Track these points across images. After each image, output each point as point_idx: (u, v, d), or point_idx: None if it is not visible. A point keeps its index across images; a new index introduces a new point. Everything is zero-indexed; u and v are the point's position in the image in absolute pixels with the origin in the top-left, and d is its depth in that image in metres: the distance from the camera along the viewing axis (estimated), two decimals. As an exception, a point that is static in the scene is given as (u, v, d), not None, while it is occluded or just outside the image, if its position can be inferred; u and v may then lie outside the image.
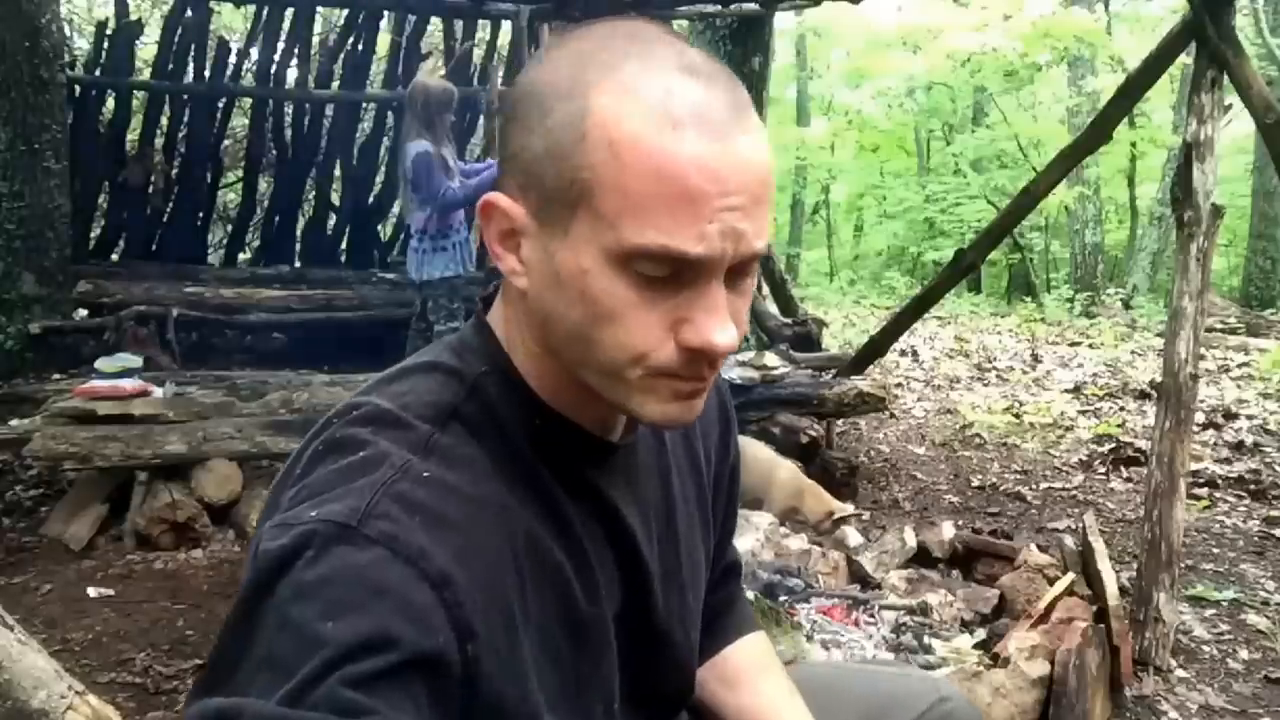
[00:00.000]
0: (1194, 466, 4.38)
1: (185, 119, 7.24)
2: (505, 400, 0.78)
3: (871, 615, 2.89)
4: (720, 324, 0.70)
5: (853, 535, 3.42)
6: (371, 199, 7.81)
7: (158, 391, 4.11)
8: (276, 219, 7.73)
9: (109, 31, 6.97)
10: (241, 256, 7.92)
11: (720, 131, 0.67)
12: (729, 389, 1.11)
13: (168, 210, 7.29)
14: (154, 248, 7.23)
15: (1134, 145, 13.29)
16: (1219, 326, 8.76)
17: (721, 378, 1.01)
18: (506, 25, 6.88)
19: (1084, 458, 5.15)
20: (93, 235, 7.18)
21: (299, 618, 0.63)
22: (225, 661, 0.65)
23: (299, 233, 7.84)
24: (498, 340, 0.80)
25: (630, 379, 0.73)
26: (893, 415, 5.85)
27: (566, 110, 0.68)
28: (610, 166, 0.67)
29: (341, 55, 7.44)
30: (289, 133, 7.53)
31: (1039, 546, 3.24)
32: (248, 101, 7.63)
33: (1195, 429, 3.93)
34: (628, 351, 0.71)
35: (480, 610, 0.68)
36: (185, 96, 7.17)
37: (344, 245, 7.81)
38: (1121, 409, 6.16)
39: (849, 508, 3.65)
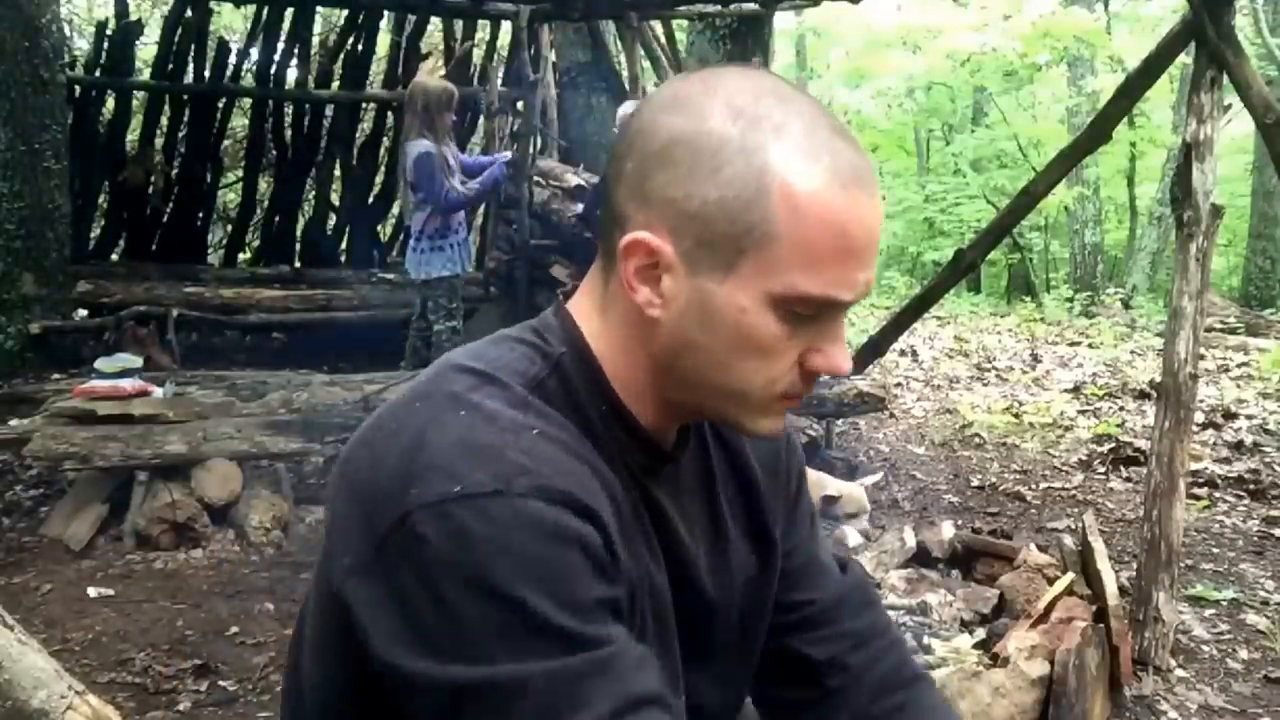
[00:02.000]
0: (1194, 466, 4.38)
1: (185, 119, 7.24)
2: (582, 380, 0.84)
3: (871, 615, 2.89)
4: (845, 351, 0.82)
5: (852, 535, 3.41)
6: (371, 199, 7.81)
7: (158, 391, 4.11)
8: (276, 219, 7.74)
9: (109, 31, 6.97)
10: (241, 256, 7.92)
11: (871, 191, 0.78)
12: None
13: (168, 210, 7.29)
14: (154, 248, 7.23)
15: (1134, 145, 13.28)
16: (1219, 326, 8.75)
17: None
18: (506, 25, 6.88)
19: (1084, 458, 5.15)
20: (93, 235, 7.19)
21: (505, 582, 0.69)
22: (432, 638, 0.70)
23: (299, 233, 7.84)
24: (579, 327, 0.86)
25: (757, 402, 0.82)
26: (892, 415, 5.85)
27: (745, 165, 0.76)
28: (791, 221, 0.75)
29: (341, 55, 7.44)
30: (289, 133, 7.53)
31: (1039, 546, 3.23)
32: (248, 101, 7.63)
33: (1195, 429, 3.93)
34: (766, 379, 0.81)
35: (615, 540, 0.77)
36: (185, 96, 7.17)
37: (344, 245, 7.81)
38: (1121, 409, 6.16)
39: (844, 485, 3.57)
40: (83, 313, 6.21)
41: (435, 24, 7.97)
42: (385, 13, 7.53)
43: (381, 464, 0.76)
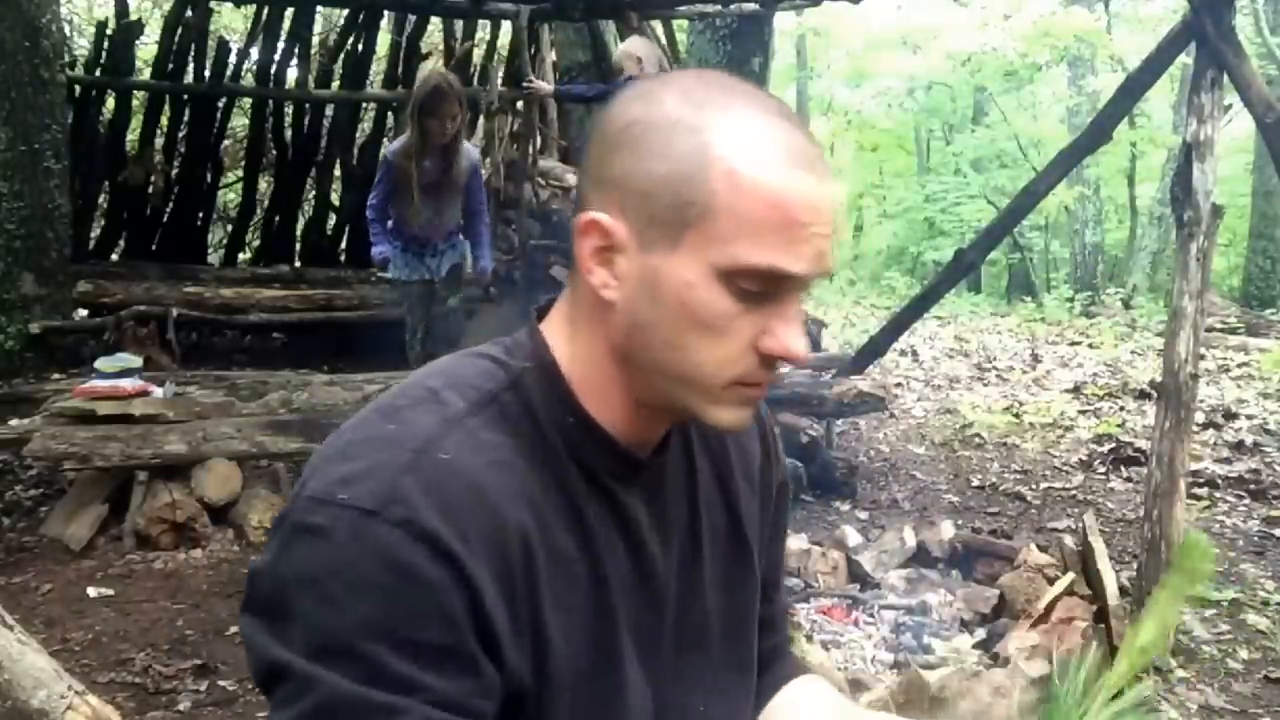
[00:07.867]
0: (1194, 466, 4.38)
1: (185, 119, 7.25)
2: (543, 395, 0.85)
3: (871, 615, 2.90)
4: (798, 333, 0.81)
5: (852, 535, 3.41)
6: (371, 199, 7.79)
7: (158, 391, 4.11)
8: (276, 219, 7.74)
9: (109, 31, 6.98)
10: (241, 256, 7.93)
11: (816, 170, 0.80)
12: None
13: (168, 210, 7.29)
14: (154, 248, 7.23)
15: (1134, 145, 13.28)
16: (1219, 326, 8.75)
17: (763, 404, 1.01)
18: (506, 25, 6.88)
19: (1084, 458, 5.15)
20: (93, 235, 7.19)
21: (337, 597, 0.72)
22: (276, 608, 0.75)
23: (299, 233, 7.84)
24: (548, 345, 0.87)
25: (712, 386, 0.81)
26: (893, 415, 5.85)
27: (690, 143, 0.78)
28: (729, 193, 0.77)
29: (341, 55, 7.45)
30: (289, 133, 7.53)
31: (1039, 546, 3.24)
32: (248, 101, 7.63)
33: (1195, 429, 3.93)
34: (718, 359, 0.80)
35: (488, 583, 0.75)
36: (185, 96, 7.17)
37: (344, 245, 7.81)
38: (1121, 409, 6.16)
39: None
40: (83, 313, 6.21)
41: (435, 24, 7.97)
42: (385, 13, 7.53)
43: (314, 456, 0.81)
